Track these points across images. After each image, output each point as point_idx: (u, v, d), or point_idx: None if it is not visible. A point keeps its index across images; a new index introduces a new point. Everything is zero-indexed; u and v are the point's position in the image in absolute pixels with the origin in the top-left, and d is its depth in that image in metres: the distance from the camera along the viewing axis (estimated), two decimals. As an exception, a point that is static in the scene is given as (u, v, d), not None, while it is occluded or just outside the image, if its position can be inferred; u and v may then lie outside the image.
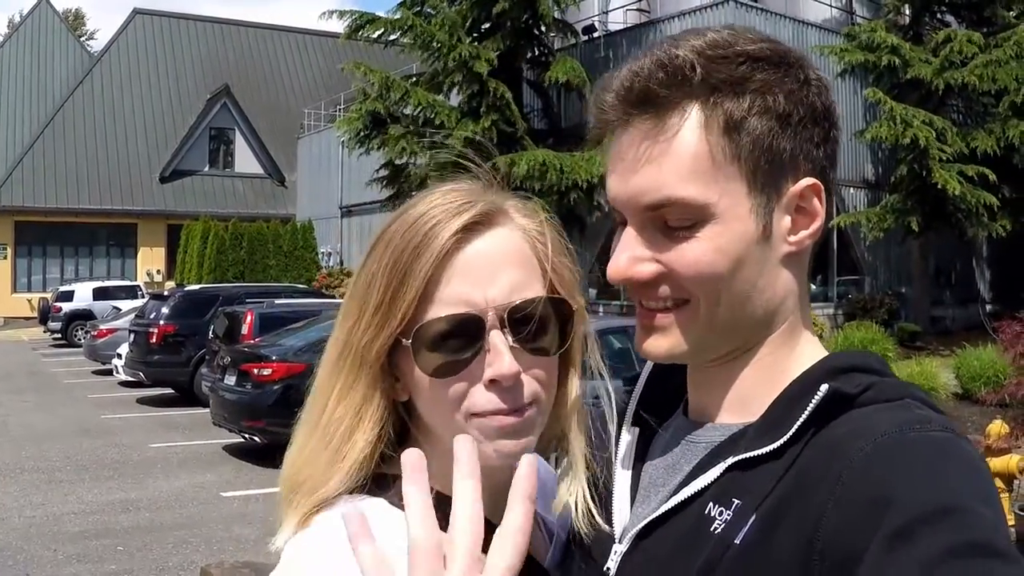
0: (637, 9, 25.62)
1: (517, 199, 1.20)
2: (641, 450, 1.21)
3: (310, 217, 37.46)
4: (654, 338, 1.10)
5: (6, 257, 40.44)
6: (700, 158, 1.03)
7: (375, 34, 23.48)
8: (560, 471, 1.21)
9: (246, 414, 12.06)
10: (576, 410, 1.21)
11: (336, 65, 26.14)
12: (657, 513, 1.08)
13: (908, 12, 22.90)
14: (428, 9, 22.80)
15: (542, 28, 23.05)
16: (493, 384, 1.09)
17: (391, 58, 28.39)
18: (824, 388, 0.99)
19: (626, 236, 1.08)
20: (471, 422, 1.09)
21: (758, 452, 1.00)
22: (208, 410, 13.45)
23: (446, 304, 1.09)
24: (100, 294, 31.78)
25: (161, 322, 18.01)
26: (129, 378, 18.80)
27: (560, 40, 24.49)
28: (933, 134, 19.10)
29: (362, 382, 1.13)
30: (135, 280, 37.91)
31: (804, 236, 1.08)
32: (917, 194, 20.21)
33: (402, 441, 1.15)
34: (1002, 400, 9.48)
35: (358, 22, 23.14)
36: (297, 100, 46.90)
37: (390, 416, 1.15)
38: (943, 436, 0.94)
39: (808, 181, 1.07)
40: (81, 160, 41.61)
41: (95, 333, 23.09)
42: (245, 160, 45.25)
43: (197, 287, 22.58)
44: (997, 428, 7.30)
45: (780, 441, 0.99)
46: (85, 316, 29.77)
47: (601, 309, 19.27)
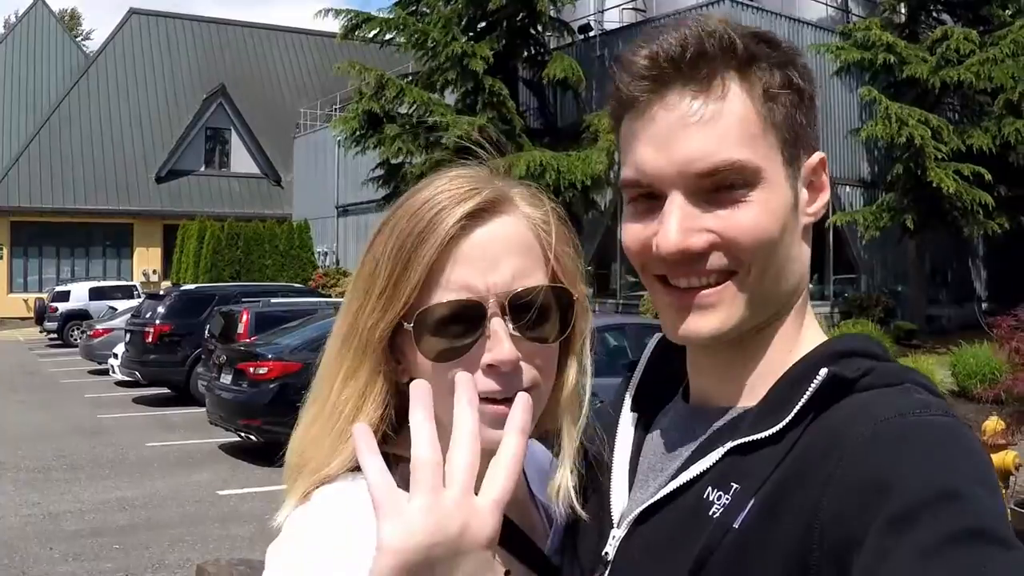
0: (633, 8, 25.64)
1: (523, 187, 1.20)
2: (640, 435, 1.21)
3: (306, 217, 37.47)
4: (699, 317, 1.05)
5: (2, 257, 40.39)
6: (749, 123, 1.02)
7: (370, 33, 23.49)
8: (557, 457, 1.22)
9: (242, 413, 12.05)
10: (574, 398, 1.22)
11: (332, 65, 26.10)
12: (655, 498, 1.07)
13: (904, 10, 22.94)
14: (424, 8, 22.80)
15: (538, 27, 23.06)
16: (491, 369, 1.09)
17: (387, 58, 28.38)
18: (824, 372, 0.99)
19: (671, 207, 1.02)
20: None
21: (757, 436, 1.00)
22: (204, 409, 13.43)
23: (448, 290, 1.10)
24: (96, 294, 31.76)
25: (157, 322, 17.99)
26: (125, 378, 18.78)
27: (556, 39, 24.51)
28: (928, 132, 19.12)
29: (366, 365, 1.14)
30: (131, 280, 37.95)
31: (818, 208, 1.11)
32: (913, 193, 20.23)
33: (403, 423, 1.15)
34: (998, 397, 9.49)
35: (354, 21, 23.15)
36: (293, 100, 46.89)
37: (392, 398, 1.16)
38: (943, 421, 0.93)
39: (820, 155, 1.10)
40: (77, 160, 41.56)
41: (91, 333, 23.05)
42: (241, 160, 45.21)
43: (193, 287, 22.55)
44: (993, 424, 7.32)
45: (779, 425, 0.99)
46: (81, 316, 29.73)
47: (596, 307, 19.28)
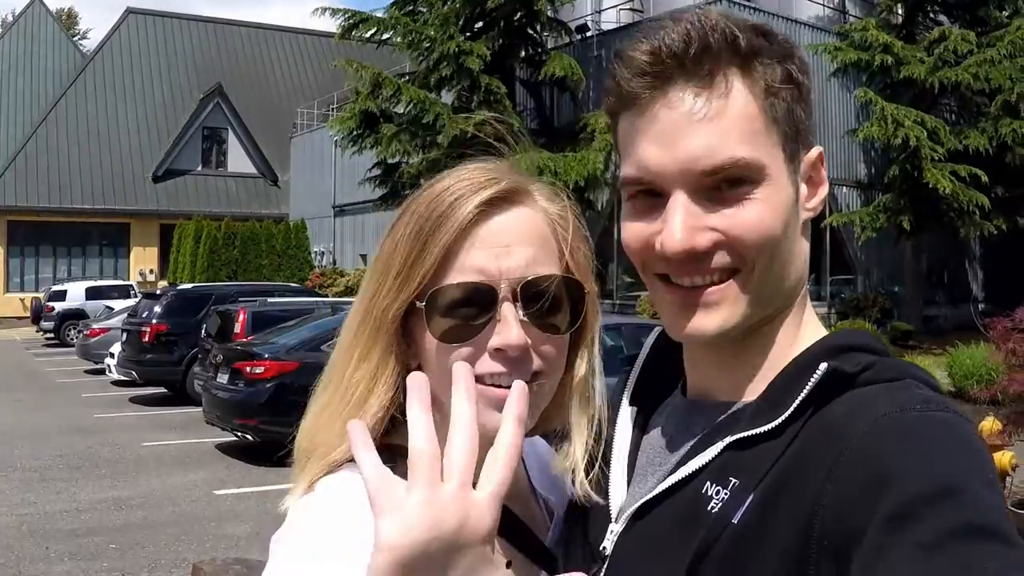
0: (630, 8, 25.65)
1: (542, 183, 1.23)
2: (639, 430, 1.20)
3: (303, 216, 37.49)
4: (703, 316, 1.04)
5: (-2, 256, 40.39)
6: (753, 119, 1.02)
7: (367, 33, 23.49)
8: (560, 450, 1.22)
9: (238, 412, 12.04)
10: (581, 391, 1.22)
11: (328, 64, 26.14)
12: (654, 493, 1.07)
13: (901, 11, 22.96)
14: (420, 7, 22.80)
15: (536, 27, 23.06)
16: (499, 353, 1.11)
17: (385, 59, 28.38)
18: (823, 367, 0.98)
19: (675, 206, 1.01)
20: None
21: (756, 431, 0.99)
22: (201, 409, 13.42)
23: (462, 272, 1.12)
24: (93, 293, 31.77)
25: (154, 321, 17.98)
26: (122, 377, 18.75)
27: (553, 39, 24.52)
28: (924, 133, 19.15)
29: (379, 347, 1.16)
30: (128, 279, 37.91)
31: (816, 203, 1.10)
32: (909, 194, 20.26)
33: None
34: (994, 397, 9.48)
35: (351, 20, 23.14)
36: (290, 99, 46.90)
37: (403, 382, 1.16)
38: (943, 416, 0.92)
39: (818, 149, 1.09)
40: (74, 159, 41.53)
41: (88, 332, 23.03)
42: (238, 159, 45.20)
43: (190, 286, 22.54)
44: (989, 425, 7.33)
45: (779, 420, 0.98)
46: (78, 315, 29.73)
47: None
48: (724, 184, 1.01)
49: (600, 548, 1.12)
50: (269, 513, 9.30)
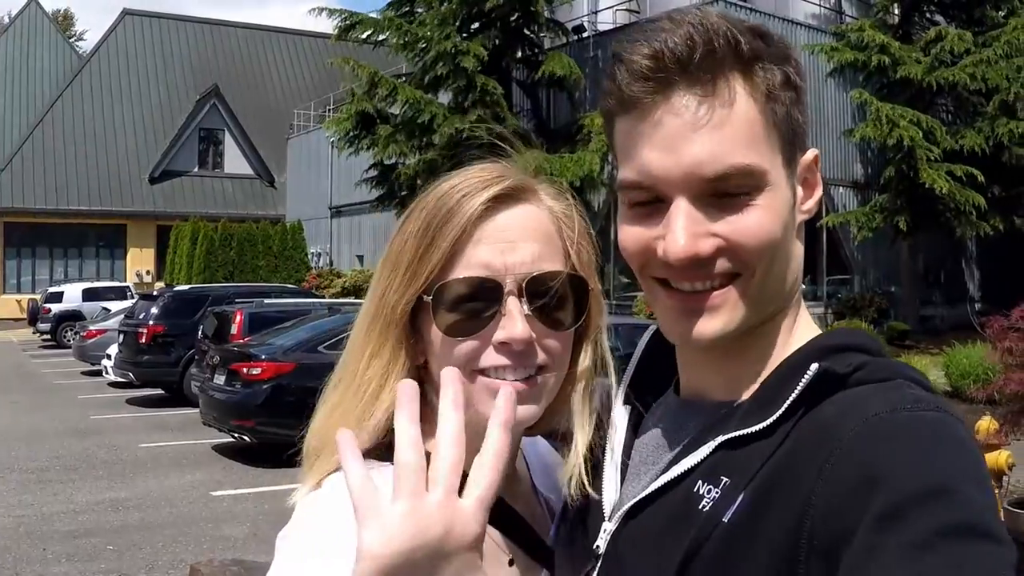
0: (627, 9, 25.66)
1: (548, 182, 1.25)
2: (632, 429, 1.21)
3: (299, 218, 37.45)
4: (706, 320, 1.04)
5: (-5, 258, 40.36)
6: (755, 124, 1.01)
7: (364, 34, 23.49)
8: (563, 448, 1.23)
9: (235, 414, 12.02)
10: (585, 388, 1.24)
11: (325, 65, 26.15)
12: (646, 492, 1.07)
13: (897, 11, 22.97)
14: (417, 8, 22.80)
15: (533, 27, 23.06)
16: (503, 347, 1.13)
17: (381, 61, 28.39)
18: (814, 367, 0.98)
19: (678, 212, 1.01)
20: (477, 381, 1.14)
21: (748, 430, 0.99)
22: (198, 410, 13.41)
23: (468, 267, 1.14)
24: (89, 295, 31.70)
25: (150, 322, 17.95)
26: (119, 379, 18.71)
27: (550, 40, 24.52)
28: (920, 133, 19.16)
29: (389, 343, 1.18)
30: (124, 281, 37.85)
31: (812, 205, 1.11)
32: (906, 194, 20.27)
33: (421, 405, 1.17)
34: (991, 397, 9.47)
35: (347, 21, 23.14)
36: (286, 101, 46.91)
37: (413, 377, 1.17)
38: (935, 416, 0.92)
39: (813, 151, 1.10)
40: (70, 161, 41.51)
41: (84, 334, 23.00)
42: (234, 161, 45.19)
43: (186, 287, 22.52)
44: (986, 424, 7.32)
45: (770, 420, 0.98)
46: (74, 317, 29.71)
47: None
48: (725, 190, 1.01)
49: (594, 547, 1.12)
50: (266, 514, 9.30)
